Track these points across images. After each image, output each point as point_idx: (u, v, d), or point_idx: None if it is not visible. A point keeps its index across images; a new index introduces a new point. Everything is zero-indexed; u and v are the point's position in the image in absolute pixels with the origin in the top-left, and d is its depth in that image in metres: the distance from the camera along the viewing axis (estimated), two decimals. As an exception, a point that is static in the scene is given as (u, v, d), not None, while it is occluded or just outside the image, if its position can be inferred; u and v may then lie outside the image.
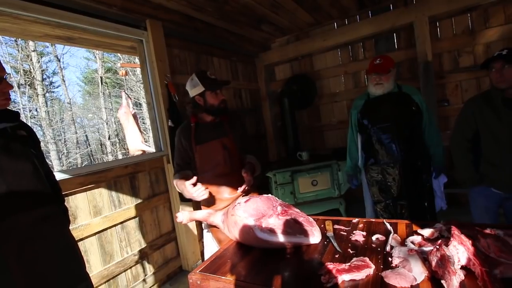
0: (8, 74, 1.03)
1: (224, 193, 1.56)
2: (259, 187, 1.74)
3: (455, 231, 0.77)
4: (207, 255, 1.70)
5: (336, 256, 0.88)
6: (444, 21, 2.95)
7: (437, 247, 0.73)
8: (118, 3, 2.08)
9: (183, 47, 2.80)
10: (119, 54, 11.13)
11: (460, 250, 0.73)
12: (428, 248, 0.80)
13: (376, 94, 1.92)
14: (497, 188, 1.61)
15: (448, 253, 0.69)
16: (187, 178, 1.42)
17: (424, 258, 0.77)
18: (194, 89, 1.55)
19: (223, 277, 0.86)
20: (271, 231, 0.98)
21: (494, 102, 1.56)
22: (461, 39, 2.88)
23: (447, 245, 0.75)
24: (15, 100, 10.23)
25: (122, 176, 2.18)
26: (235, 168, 1.53)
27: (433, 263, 0.71)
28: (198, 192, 1.36)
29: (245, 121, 3.58)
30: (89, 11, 1.99)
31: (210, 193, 1.46)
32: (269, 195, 1.17)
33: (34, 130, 1.20)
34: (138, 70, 11.75)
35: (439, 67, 3.02)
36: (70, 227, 1.29)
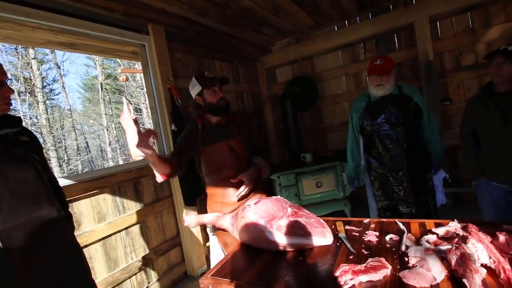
0: (9, 79, 1.02)
1: (231, 196, 1.53)
2: (266, 189, 1.72)
3: (472, 228, 0.76)
4: (213, 260, 1.67)
5: (351, 257, 0.87)
6: (444, 20, 2.96)
7: (456, 245, 0.71)
8: (120, 8, 2.09)
9: (185, 51, 2.80)
10: (118, 60, 11.19)
11: (479, 248, 0.72)
12: (445, 246, 0.79)
13: (377, 96, 1.88)
14: (497, 181, 1.61)
15: (468, 251, 0.67)
16: (162, 159, 1.33)
17: (442, 257, 0.75)
18: (193, 90, 1.57)
19: (235, 281, 0.84)
20: (283, 233, 0.96)
21: (484, 96, 1.61)
22: (462, 38, 2.89)
23: (465, 243, 0.74)
24: (16, 108, 10.24)
25: (126, 181, 2.17)
26: (242, 171, 1.50)
27: (453, 262, 0.69)
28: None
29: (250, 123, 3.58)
30: (92, 17, 1.99)
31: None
32: (278, 196, 1.15)
33: (35, 137, 1.18)
34: (138, 76, 11.78)
35: (441, 66, 3.02)
36: (75, 234, 1.28)
